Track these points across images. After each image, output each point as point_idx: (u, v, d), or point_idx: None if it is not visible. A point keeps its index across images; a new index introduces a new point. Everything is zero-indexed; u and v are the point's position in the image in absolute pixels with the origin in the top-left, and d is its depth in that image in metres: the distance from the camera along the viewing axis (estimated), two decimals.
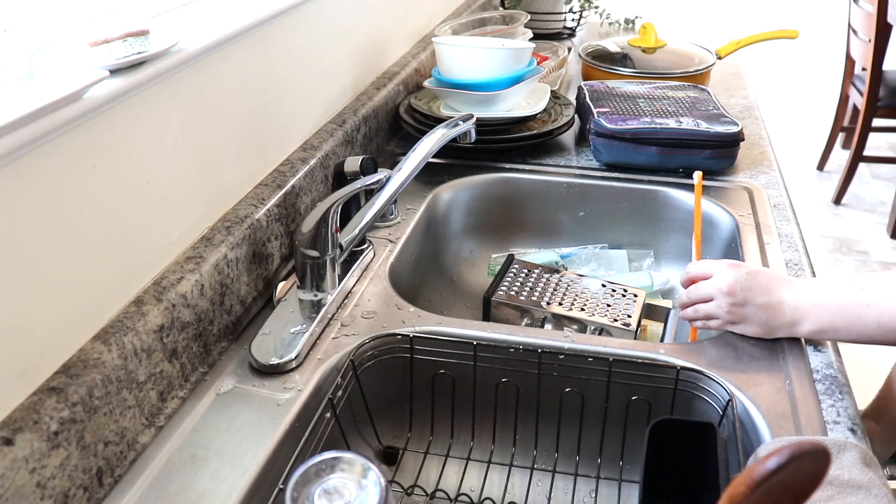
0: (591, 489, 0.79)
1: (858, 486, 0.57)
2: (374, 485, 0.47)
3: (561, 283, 0.95)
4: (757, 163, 1.19)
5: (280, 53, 0.90)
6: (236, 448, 0.64)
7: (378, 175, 0.84)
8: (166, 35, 0.68)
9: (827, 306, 0.73)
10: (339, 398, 0.74)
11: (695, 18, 3.96)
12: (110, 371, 0.59)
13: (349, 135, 1.06)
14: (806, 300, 0.74)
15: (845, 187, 3.12)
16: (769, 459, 0.39)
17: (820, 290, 0.74)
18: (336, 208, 0.79)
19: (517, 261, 0.99)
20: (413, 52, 1.41)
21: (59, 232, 0.56)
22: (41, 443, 0.52)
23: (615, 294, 0.93)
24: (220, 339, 0.76)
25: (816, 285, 0.75)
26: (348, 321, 0.82)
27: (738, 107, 1.44)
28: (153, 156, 0.68)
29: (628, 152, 1.13)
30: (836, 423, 0.68)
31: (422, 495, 0.77)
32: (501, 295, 0.92)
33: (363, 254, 0.91)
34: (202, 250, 0.73)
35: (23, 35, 0.60)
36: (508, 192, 1.15)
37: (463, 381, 0.79)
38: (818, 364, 0.75)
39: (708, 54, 1.56)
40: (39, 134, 0.52)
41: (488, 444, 0.82)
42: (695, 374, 0.74)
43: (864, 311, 0.70)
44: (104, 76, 0.57)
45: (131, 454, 0.62)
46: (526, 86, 1.20)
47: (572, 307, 0.91)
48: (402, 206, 1.05)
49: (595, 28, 2.04)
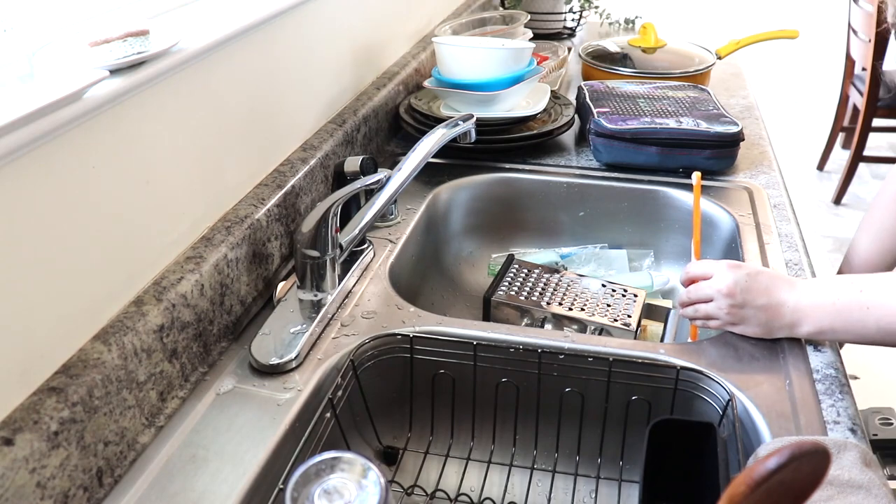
0: (591, 489, 0.79)
1: (858, 486, 0.57)
2: (374, 485, 0.47)
3: (561, 283, 0.95)
4: (757, 163, 1.19)
5: (280, 53, 0.90)
6: (236, 448, 0.64)
7: (378, 175, 0.84)
8: (166, 35, 0.68)
9: (826, 308, 0.73)
10: (339, 398, 0.74)
11: (695, 18, 3.96)
12: (110, 371, 0.59)
13: (349, 135, 1.06)
14: (805, 301, 0.74)
15: (845, 187, 3.12)
16: (769, 459, 0.39)
17: (819, 292, 0.74)
18: (336, 208, 0.79)
19: (517, 261, 0.99)
20: (413, 52, 1.41)
21: (58, 232, 0.56)
22: (41, 443, 0.52)
23: (615, 294, 0.93)
24: (220, 339, 0.76)
25: (816, 286, 0.75)
26: (348, 321, 0.82)
27: (738, 107, 1.44)
28: (153, 156, 0.68)
29: (628, 152, 1.13)
30: (836, 423, 0.68)
31: (422, 495, 0.77)
32: (501, 295, 0.92)
33: (363, 254, 0.91)
34: (202, 250, 0.73)
35: (23, 35, 0.60)
36: (508, 192, 1.15)
37: (463, 381, 0.79)
38: (818, 364, 0.75)
39: (708, 54, 1.56)
40: (39, 134, 0.52)
41: (488, 444, 0.82)
42: (695, 374, 0.74)
43: (863, 313, 0.70)
44: (104, 76, 0.57)
45: (131, 454, 0.62)
46: (526, 86, 1.20)
47: (572, 307, 0.91)
48: (402, 206, 1.05)
49: (595, 28, 2.04)
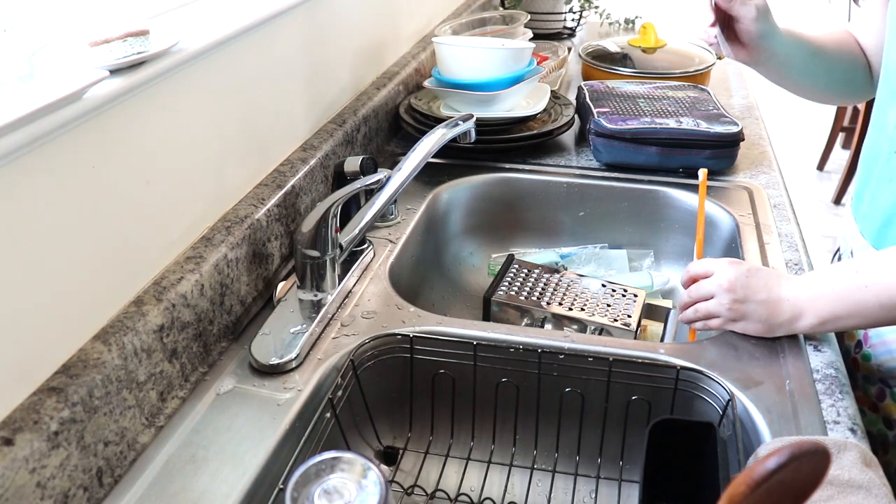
0: (591, 489, 0.79)
1: (858, 486, 0.57)
2: (374, 485, 0.47)
3: (561, 283, 0.95)
4: (757, 163, 1.19)
5: (280, 53, 0.90)
6: (236, 448, 0.64)
7: (378, 175, 0.84)
8: (166, 35, 0.68)
9: (826, 296, 0.72)
10: (339, 398, 0.74)
11: (695, 18, 3.96)
12: (110, 371, 0.59)
13: (349, 135, 1.06)
14: (804, 294, 0.74)
15: (845, 187, 3.12)
16: (769, 459, 0.39)
17: (817, 282, 0.74)
18: (336, 208, 0.79)
19: (517, 261, 0.99)
20: (413, 52, 1.41)
21: (59, 232, 0.56)
22: (41, 443, 0.52)
23: (615, 294, 0.93)
24: (220, 339, 0.76)
25: (813, 278, 0.75)
26: (348, 321, 0.82)
27: (738, 107, 1.44)
28: (153, 156, 0.68)
29: (628, 152, 1.13)
30: (836, 423, 0.68)
31: (422, 495, 0.77)
32: (501, 295, 0.93)
33: (363, 254, 0.91)
34: (202, 250, 0.73)
35: (23, 35, 0.60)
36: (508, 192, 1.15)
37: (463, 381, 0.79)
38: (818, 364, 0.75)
39: (708, 54, 1.56)
40: (39, 134, 0.52)
41: (488, 443, 0.82)
42: (695, 374, 0.74)
43: (862, 294, 0.70)
44: (104, 76, 0.57)
45: (131, 454, 0.62)
46: (526, 86, 1.20)
47: (572, 307, 0.91)
48: (402, 206, 1.05)
49: (595, 28, 2.04)
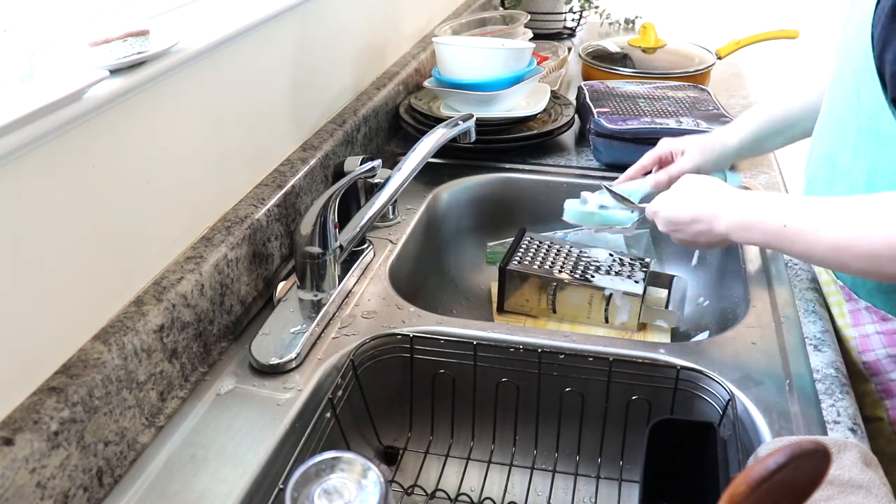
0: (591, 489, 0.79)
1: (859, 486, 0.57)
2: (374, 485, 0.47)
3: (571, 253, 0.98)
4: (757, 163, 1.18)
5: (280, 53, 0.90)
6: (236, 448, 0.64)
7: (372, 163, 0.83)
8: (166, 35, 0.68)
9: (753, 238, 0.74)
10: (339, 398, 0.74)
11: (695, 18, 3.96)
12: (110, 371, 0.59)
13: (349, 135, 1.06)
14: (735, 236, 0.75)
15: None
16: (769, 459, 0.39)
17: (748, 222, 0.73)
18: (333, 202, 0.79)
19: (528, 235, 1.01)
20: (413, 52, 1.41)
21: (59, 232, 0.56)
22: (41, 443, 0.52)
23: (623, 263, 0.96)
24: (220, 339, 0.76)
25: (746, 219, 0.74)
26: (348, 321, 0.82)
27: (738, 107, 1.44)
28: (153, 156, 0.68)
29: (628, 152, 1.12)
30: (836, 423, 0.68)
31: (422, 495, 0.77)
32: (516, 264, 0.95)
33: (363, 254, 0.91)
34: (202, 250, 0.73)
35: (23, 35, 0.60)
36: (508, 192, 1.15)
37: (463, 381, 0.79)
38: (818, 364, 0.75)
39: (708, 54, 1.56)
40: (39, 134, 0.52)
41: (488, 443, 0.82)
42: (695, 374, 0.74)
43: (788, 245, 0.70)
44: (104, 76, 0.57)
45: (131, 454, 0.62)
46: (526, 86, 1.20)
47: (584, 274, 0.94)
48: (402, 206, 1.05)
49: (595, 28, 2.04)
